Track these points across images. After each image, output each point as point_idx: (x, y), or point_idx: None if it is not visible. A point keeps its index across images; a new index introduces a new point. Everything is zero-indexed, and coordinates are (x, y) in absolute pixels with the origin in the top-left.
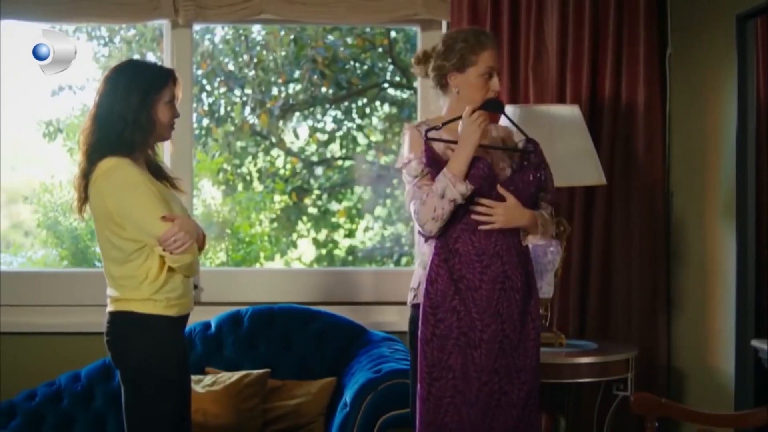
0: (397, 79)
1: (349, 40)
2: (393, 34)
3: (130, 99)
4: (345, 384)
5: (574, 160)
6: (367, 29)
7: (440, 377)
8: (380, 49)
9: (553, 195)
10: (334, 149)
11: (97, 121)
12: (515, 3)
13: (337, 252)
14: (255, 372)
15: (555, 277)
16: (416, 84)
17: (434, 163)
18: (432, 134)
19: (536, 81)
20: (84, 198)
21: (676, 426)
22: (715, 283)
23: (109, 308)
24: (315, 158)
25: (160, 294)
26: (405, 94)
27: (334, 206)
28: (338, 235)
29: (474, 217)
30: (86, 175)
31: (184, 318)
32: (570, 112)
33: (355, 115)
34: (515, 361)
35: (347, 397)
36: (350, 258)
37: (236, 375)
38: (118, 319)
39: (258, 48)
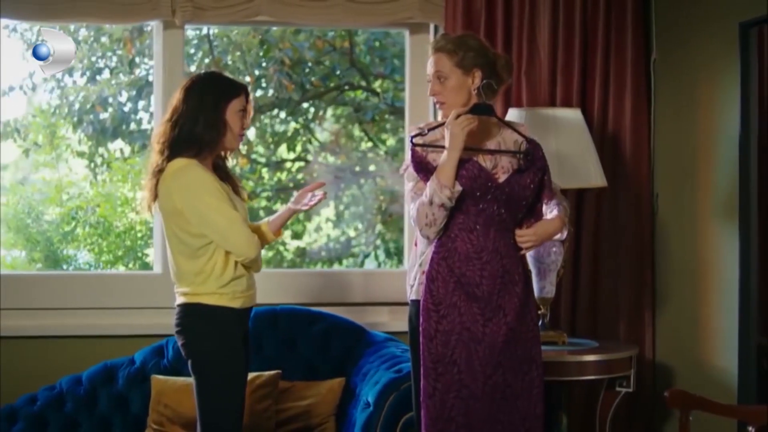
0: (354, 81)
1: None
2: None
3: (203, 101)
4: (356, 384)
5: (577, 162)
6: (330, 32)
7: (445, 372)
8: (332, 52)
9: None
10: (286, 150)
11: (172, 122)
12: (508, 8)
13: (285, 254)
14: (266, 373)
15: (557, 277)
16: (376, 86)
17: (422, 168)
18: (418, 140)
19: (529, 84)
20: (154, 196)
21: (665, 420)
22: (709, 282)
23: (179, 300)
24: (264, 159)
25: (227, 288)
26: (363, 96)
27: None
28: (285, 236)
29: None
30: (157, 174)
31: (248, 310)
32: (573, 115)
33: (309, 117)
34: (519, 353)
35: (369, 397)
36: (298, 260)
37: (248, 376)
38: (187, 310)
39: (218, 49)
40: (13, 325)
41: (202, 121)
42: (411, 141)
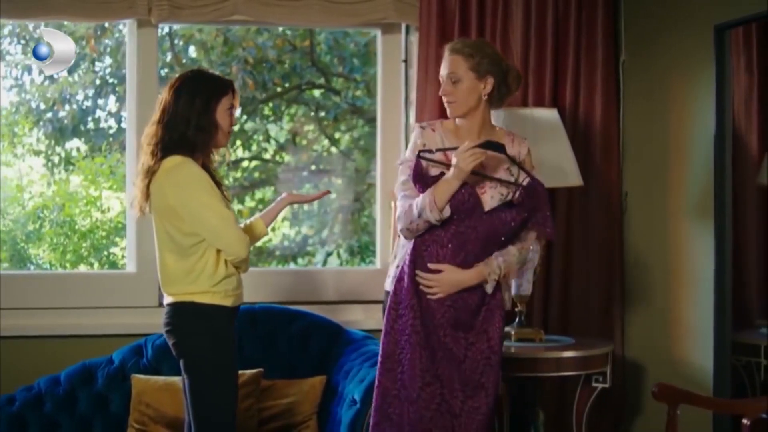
0: (318, 80)
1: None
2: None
3: (193, 103)
4: (338, 382)
5: (554, 162)
6: (288, 31)
7: (391, 369)
8: (294, 51)
9: (543, 232)
10: (242, 149)
11: (163, 124)
12: (482, 9)
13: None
14: (248, 372)
15: (534, 275)
16: (335, 85)
17: (420, 180)
18: (425, 155)
19: None
20: (146, 195)
21: (635, 414)
22: (682, 279)
23: (169, 300)
24: (220, 158)
25: (219, 286)
26: (320, 95)
27: (238, 206)
28: None
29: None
30: (149, 173)
31: (237, 309)
32: (549, 115)
33: (268, 116)
34: (458, 375)
35: (355, 394)
36: (254, 259)
37: None
38: (178, 309)
39: (178, 47)
40: None
41: (194, 124)
42: (418, 155)
